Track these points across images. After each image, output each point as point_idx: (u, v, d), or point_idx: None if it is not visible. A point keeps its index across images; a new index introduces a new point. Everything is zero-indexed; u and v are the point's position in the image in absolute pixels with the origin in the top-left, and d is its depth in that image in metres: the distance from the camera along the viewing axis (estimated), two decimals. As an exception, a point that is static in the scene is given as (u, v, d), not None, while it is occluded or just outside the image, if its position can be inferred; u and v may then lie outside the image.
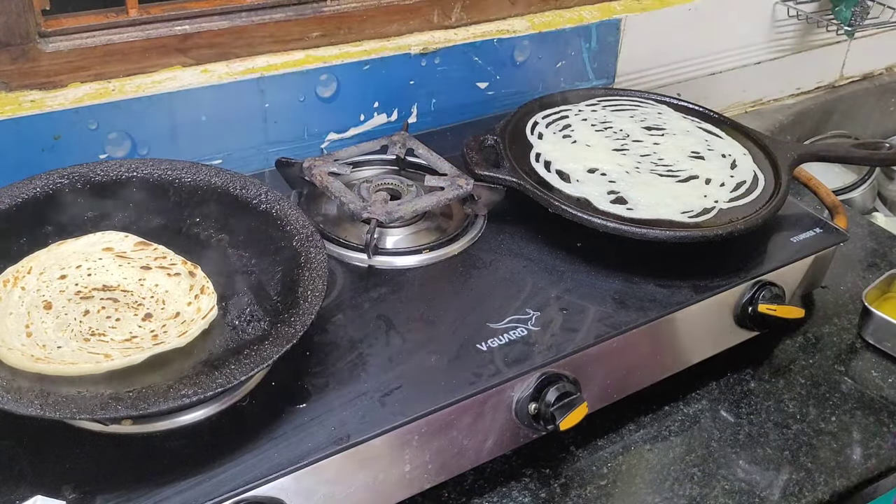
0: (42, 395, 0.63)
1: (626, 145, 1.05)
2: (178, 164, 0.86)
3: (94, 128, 0.93)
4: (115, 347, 0.70)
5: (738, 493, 0.80)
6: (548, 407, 0.76)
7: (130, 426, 0.67)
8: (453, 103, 1.18)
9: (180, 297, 0.76)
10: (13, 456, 0.65)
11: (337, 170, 0.96)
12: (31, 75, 0.89)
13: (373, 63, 1.08)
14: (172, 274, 0.78)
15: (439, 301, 0.83)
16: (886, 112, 1.75)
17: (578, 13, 1.24)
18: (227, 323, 0.75)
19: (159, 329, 0.73)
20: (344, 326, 0.79)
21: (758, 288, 0.90)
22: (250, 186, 0.86)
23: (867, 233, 1.19)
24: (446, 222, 0.96)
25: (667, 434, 0.86)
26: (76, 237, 0.80)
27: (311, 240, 0.80)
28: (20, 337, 0.70)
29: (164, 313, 0.75)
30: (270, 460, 0.65)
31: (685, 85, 1.40)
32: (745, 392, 0.91)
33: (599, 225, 0.89)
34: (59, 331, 0.71)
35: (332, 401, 0.71)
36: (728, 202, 0.96)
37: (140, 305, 0.76)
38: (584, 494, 0.79)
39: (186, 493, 0.62)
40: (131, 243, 0.81)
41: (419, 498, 0.76)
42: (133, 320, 0.74)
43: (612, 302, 0.85)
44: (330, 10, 1.05)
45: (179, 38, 0.96)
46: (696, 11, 1.34)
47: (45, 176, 0.82)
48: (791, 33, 1.51)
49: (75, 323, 0.72)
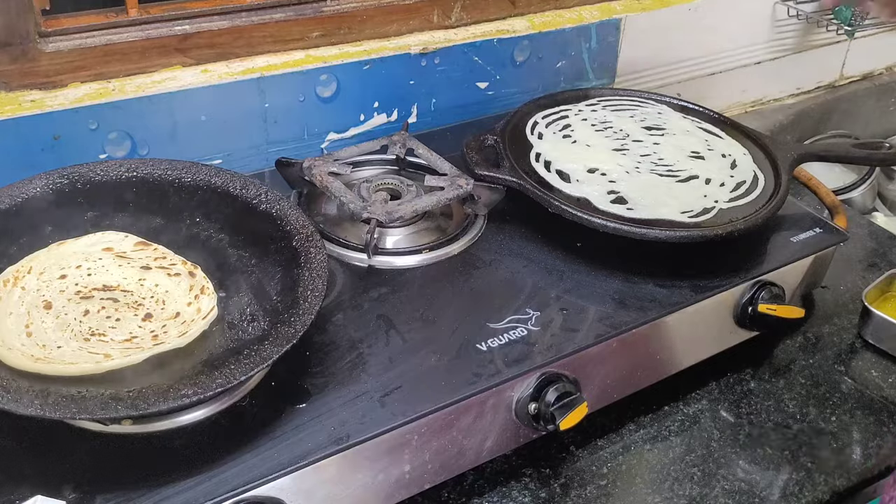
0: (42, 395, 0.63)
1: (626, 145, 1.05)
2: (178, 164, 0.86)
3: (94, 128, 0.93)
4: (116, 347, 0.70)
5: (738, 493, 0.80)
6: (548, 407, 0.75)
7: (130, 426, 0.67)
8: (453, 103, 1.18)
9: (180, 297, 0.76)
10: (13, 456, 0.65)
11: (337, 170, 0.96)
12: (31, 75, 0.89)
13: (373, 63, 1.08)
14: (172, 274, 0.78)
15: (439, 301, 0.83)
16: (886, 112, 1.75)
17: (578, 13, 1.24)
18: (227, 323, 0.75)
19: (159, 329, 0.73)
20: (344, 326, 0.79)
21: (758, 288, 0.90)
22: (250, 186, 0.85)
23: (867, 233, 1.19)
24: (446, 222, 0.96)
25: (667, 434, 0.86)
26: (76, 237, 0.80)
27: (310, 240, 0.80)
28: (20, 337, 0.70)
29: (164, 313, 0.75)
30: (270, 460, 0.65)
31: (685, 85, 1.40)
32: (745, 392, 0.91)
33: (599, 225, 0.89)
34: (59, 331, 0.71)
35: (331, 401, 0.71)
36: (728, 202, 0.96)
37: (140, 305, 0.76)
38: (584, 494, 0.79)
39: (186, 493, 0.62)
40: (131, 243, 0.81)
41: (419, 498, 0.76)
42: (133, 320, 0.74)
43: (612, 302, 0.85)
44: (330, 10, 1.05)
45: (179, 38, 0.96)
46: (696, 11, 1.34)
47: (45, 176, 0.82)
48: (791, 33, 1.51)
49: (75, 323, 0.72)
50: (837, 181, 1.51)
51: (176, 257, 0.81)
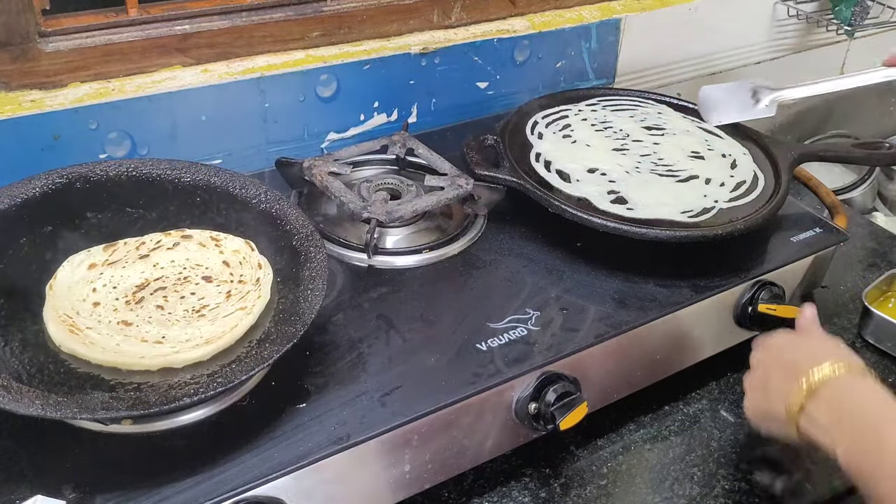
0: (42, 396, 0.63)
1: (626, 145, 1.05)
2: (178, 164, 0.86)
3: (94, 127, 0.93)
4: (226, 318, 0.73)
5: (738, 493, 0.80)
6: (548, 407, 0.75)
7: (130, 426, 0.67)
8: (453, 103, 1.18)
9: (209, 256, 0.80)
10: (13, 456, 0.65)
11: (337, 170, 0.96)
12: (31, 75, 0.89)
13: (373, 63, 1.08)
14: (171, 247, 0.80)
15: (439, 301, 0.83)
16: (886, 112, 1.75)
17: (578, 13, 1.24)
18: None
19: (231, 286, 0.77)
20: (344, 326, 0.79)
21: (758, 288, 0.90)
22: (250, 186, 0.85)
23: (867, 233, 1.19)
24: (446, 222, 0.96)
25: (667, 434, 0.86)
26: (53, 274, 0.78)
27: (310, 239, 0.80)
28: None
29: (216, 271, 0.79)
30: (270, 460, 0.65)
31: (685, 85, 1.40)
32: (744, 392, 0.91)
33: (599, 225, 0.89)
34: (160, 326, 0.73)
35: (332, 401, 0.71)
36: (728, 202, 0.96)
37: (187, 280, 0.78)
38: (584, 494, 0.79)
39: (186, 493, 0.62)
40: (100, 251, 0.80)
41: (419, 498, 0.76)
42: (203, 290, 0.77)
43: (612, 302, 0.85)
44: (330, 9, 1.05)
45: (179, 38, 0.96)
46: (696, 11, 1.34)
47: (44, 176, 0.82)
48: (791, 33, 1.51)
49: (164, 316, 0.74)
50: (837, 181, 1.51)
51: (154, 235, 0.82)
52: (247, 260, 0.80)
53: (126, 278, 0.78)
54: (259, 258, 0.80)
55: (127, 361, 0.69)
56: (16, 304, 0.74)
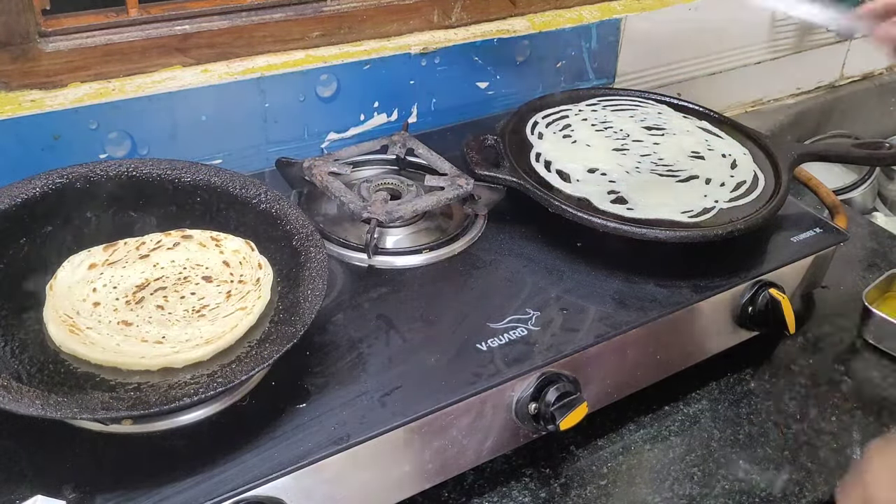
0: (42, 396, 0.63)
1: (626, 145, 1.05)
2: (178, 164, 0.86)
3: (94, 127, 0.93)
4: (226, 317, 0.73)
5: (738, 493, 0.80)
6: (548, 407, 0.75)
7: (130, 426, 0.67)
8: (453, 103, 1.18)
9: (209, 256, 0.80)
10: (13, 456, 0.65)
11: (337, 170, 0.96)
12: (31, 75, 0.89)
13: (373, 63, 1.08)
14: (171, 247, 0.80)
15: (439, 301, 0.83)
16: (886, 112, 1.75)
17: (578, 13, 1.24)
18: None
19: (230, 285, 0.77)
20: (344, 326, 0.79)
21: (758, 288, 0.90)
22: (250, 186, 0.85)
23: (867, 233, 1.19)
24: (446, 222, 0.96)
25: (667, 434, 0.86)
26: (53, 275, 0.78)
27: (310, 239, 0.80)
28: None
29: (217, 271, 0.79)
30: (270, 460, 0.65)
31: (685, 85, 1.40)
32: (745, 392, 0.91)
33: (599, 225, 0.89)
34: (160, 326, 0.73)
35: (332, 401, 0.71)
36: (728, 202, 0.96)
37: (186, 280, 0.78)
38: (584, 494, 0.79)
39: (186, 493, 0.62)
40: (100, 251, 0.81)
41: (419, 498, 0.76)
42: (203, 290, 0.77)
43: (612, 302, 0.85)
44: (330, 9, 1.05)
45: (179, 38, 0.96)
46: (696, 11, 1.34)
47: (44, 176, 0.82)
48: (791, 33, 1.51)
49: (163, 315, 0.74)
50: (837, 181, 1.51)
51: (154, 235, 0.82)
52: (247, 260, 0.80)
53: (126, 278, 0.78)
54: (259, 258, 0.80)
55: (127, 361, 0.69)
56: (16, 305, 0.74)
